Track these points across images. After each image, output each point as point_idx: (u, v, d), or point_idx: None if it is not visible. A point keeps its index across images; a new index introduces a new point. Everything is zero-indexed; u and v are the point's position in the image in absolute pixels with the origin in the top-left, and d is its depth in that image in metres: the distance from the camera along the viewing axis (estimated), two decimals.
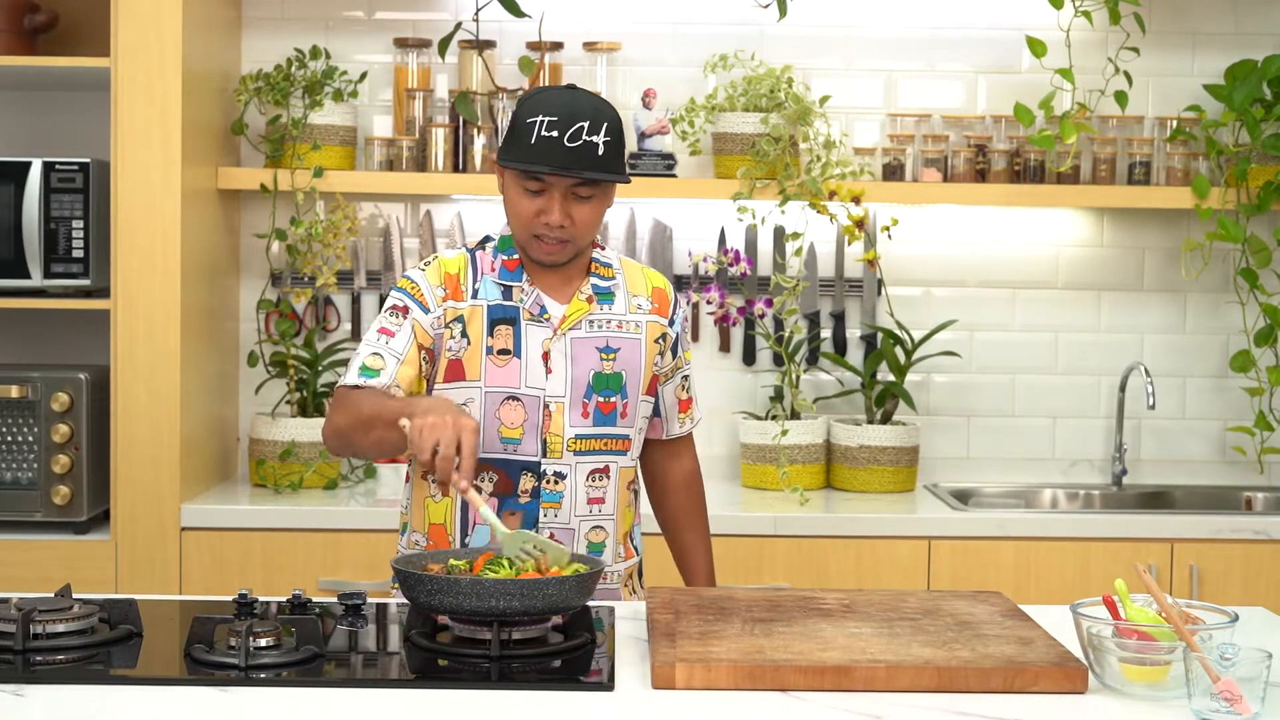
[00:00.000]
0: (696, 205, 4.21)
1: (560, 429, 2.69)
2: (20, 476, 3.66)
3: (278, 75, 4.02)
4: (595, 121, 2.59)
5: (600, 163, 2.59)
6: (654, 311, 2.79)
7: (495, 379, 2.68)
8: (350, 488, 4.01)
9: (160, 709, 2.02)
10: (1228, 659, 2.00)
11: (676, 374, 2.86)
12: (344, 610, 2.51)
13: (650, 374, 2.78)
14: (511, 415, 2.68)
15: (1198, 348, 4.31)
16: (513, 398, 2.67)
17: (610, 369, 2.72)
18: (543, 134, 2.58)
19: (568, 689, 2.13)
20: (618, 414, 2.73)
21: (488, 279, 2.71)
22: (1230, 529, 3.74)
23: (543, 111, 2.59)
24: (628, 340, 2.74)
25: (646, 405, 2.80)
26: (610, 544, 2.75)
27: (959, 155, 4.12)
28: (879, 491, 4.03)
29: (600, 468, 2.72)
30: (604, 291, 2.75)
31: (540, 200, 2.62)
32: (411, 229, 4.24)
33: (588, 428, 2.70)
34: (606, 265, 2.77)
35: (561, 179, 2.60)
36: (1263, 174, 4.03)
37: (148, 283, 3.66)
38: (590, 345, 2.71)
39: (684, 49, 4.23)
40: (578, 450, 2.70)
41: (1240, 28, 4.26)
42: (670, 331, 2.81)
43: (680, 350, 2.85)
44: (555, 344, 2.69)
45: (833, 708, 2.06)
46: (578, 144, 2.57)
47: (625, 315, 2.76)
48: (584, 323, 2.72)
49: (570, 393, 2.69)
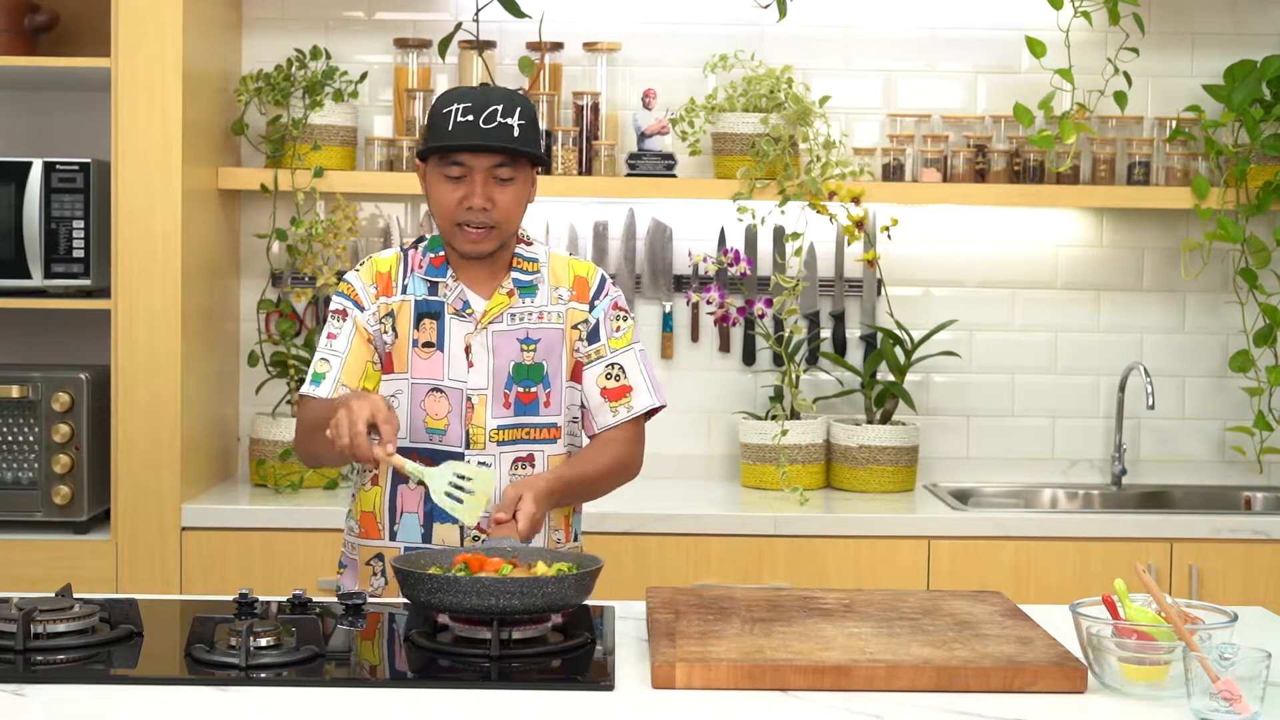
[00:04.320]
0: (696, 205, 4.21)
1: (482, 420, 2.75)
2: (21, 476, 3.66)
3: (278, 75, 4.02)
4: (509, 106, 2.69)
5: (516, 142, 2.67)
6: (573, 299, 2.83)
7: (420, 371, 2.76)
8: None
9: (160, 709, 2.03)
10: (1227, 659, 2.00)
11: (598, 361, 2.83)
12: (344, 610, 2.52)
13: (572, 361, 2.82)
14: (436, 407, 2.75)
15: (1197, 348, 4.32)
16: (437, 389, 2.75)
17: (531, 359, 2.78)
18: (458, 120, 2.67)
19: (568, 689, 2.13)
20: (540, 403, 2.78)
21: (416, 275, 2.79)
22: (1229, 529, 3.74)
23: (456, 100, 2.69)
24: (548, 330, 2.80)
25: (575, 393, 2.84)
26: (544, 530, 2.79)
27: (959, 155, 4.13)
28: (879, 491, 4.03)
29: (524, 456, 2.77)
30: (526, 285, 2.80)
31: (462, 187, 2.69)
32: (411, 229, 4.24)
33: (509, 418, 2.76)
34: (531, 260, 2.82)
35: (480, 159, 2.67)
36: (1262, 174, 4.03)
37: (148, 283, 3.66)
38: (511, 338, 2.77)
39: (684, 49, 4.23)
40: (500, 440, 2.76)
41: (1240, 28, 4.26)
42: (590, 317, 2.83)
43: (603, 337, 2.84)
44: (476, 337, 2.76)
45: (832, 707, 2.06)
46: (493, 125, 2.66)
47: (546, 306, 2.81)
48: (505, 316, 2.78)
49: (492, 384, 2.76)
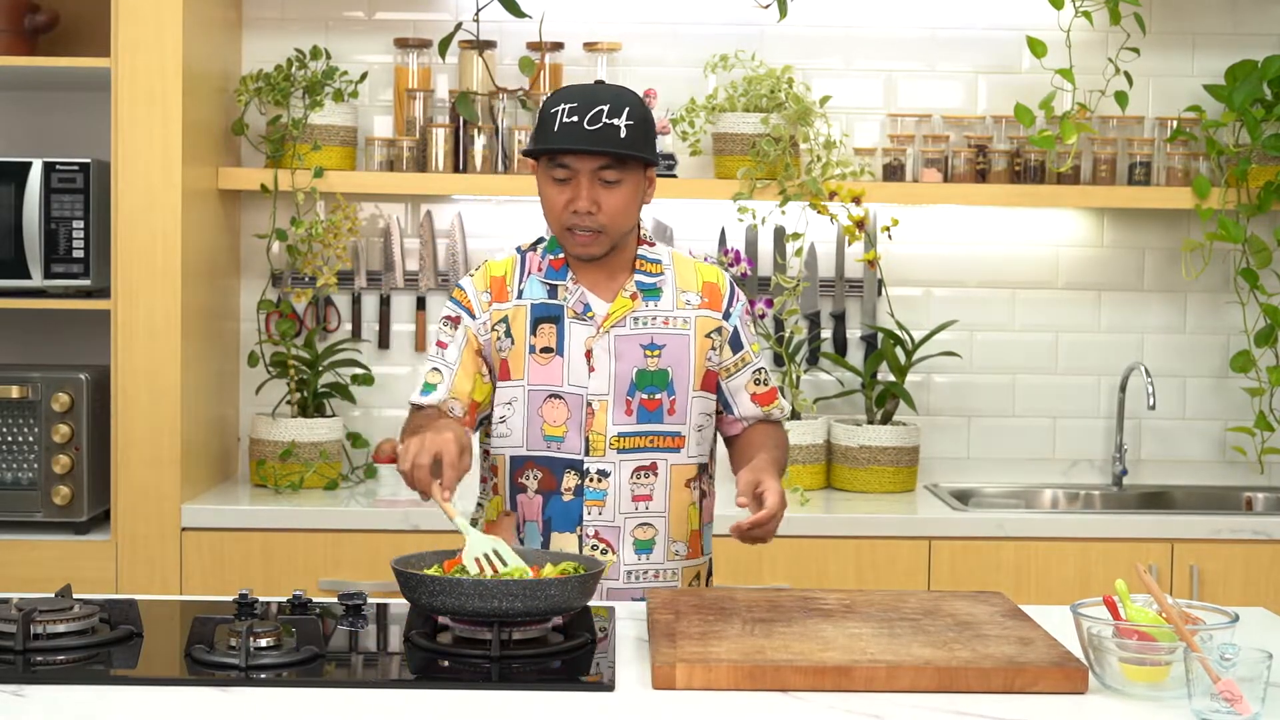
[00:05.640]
0: (697, 205, 4.21)
1: (603, 427, 2.69)
2: (20, 476, 3.66)
3: (278, 75, 4.02)
4: (616, 106, 2.61)
5: (623, 144, 2.60)
6: (704, 306, 2.76)
7: (538, 377, 2.69)
8: (350, 488, 4.01)
9: (160, 709, 2.02)
10: (1228, 659, 2.00)
11: (745, 368, 2.80)
12: (344, 610, 2.51)
13: (703, 370, 2.75)
14: (554, 413, 2.69)
15: (1198, 348, 4.31)
16: (555, 395, 2.69)
17: (655, 366, 2.71)
18: (564, 120, 2.60)
19: (568, 689, 2.13)
20: (664, 410, 2.72)
21: (534, 278, 2.73)
22: (1230, 529, 3.74)
23: (564, 100, 2.63)
24: (674, 336, 2.73)
25: (705, 401, 2.77)
26: (661, 541, 2.73)
27: (959, 155, 4.12)
28: (879, 492, 4.03)
29: (646, 465, 2.71)
30: (649, 288, 2.74)
31: (568, 189, 2.63)
32: (412, 229, 4.24)
33: (631, 425, 2.70)
34: (654, 261, 2.76)
35: (585, 161, 2.61)
36: (1263, 174, 4.03)
37: (148, 283, 3.66)
38: (634, 342, 2.71)
39: (684, 49, 4.23)
40: (621, 448, 2.70)
41: (1240, 28, 4.26)
42: (726, 325, 2.78)
43: (745, 344, 2.80)
44: (598, 341, 2.70)
45: (833, 708, 2.06)
46: (598, 126, 2.59)
47: (673, 311, 2.74)
48: (628, 320, 2.71)
49: (613, 390, 2.69)
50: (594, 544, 2.70)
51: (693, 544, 2.78)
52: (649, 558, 2.72)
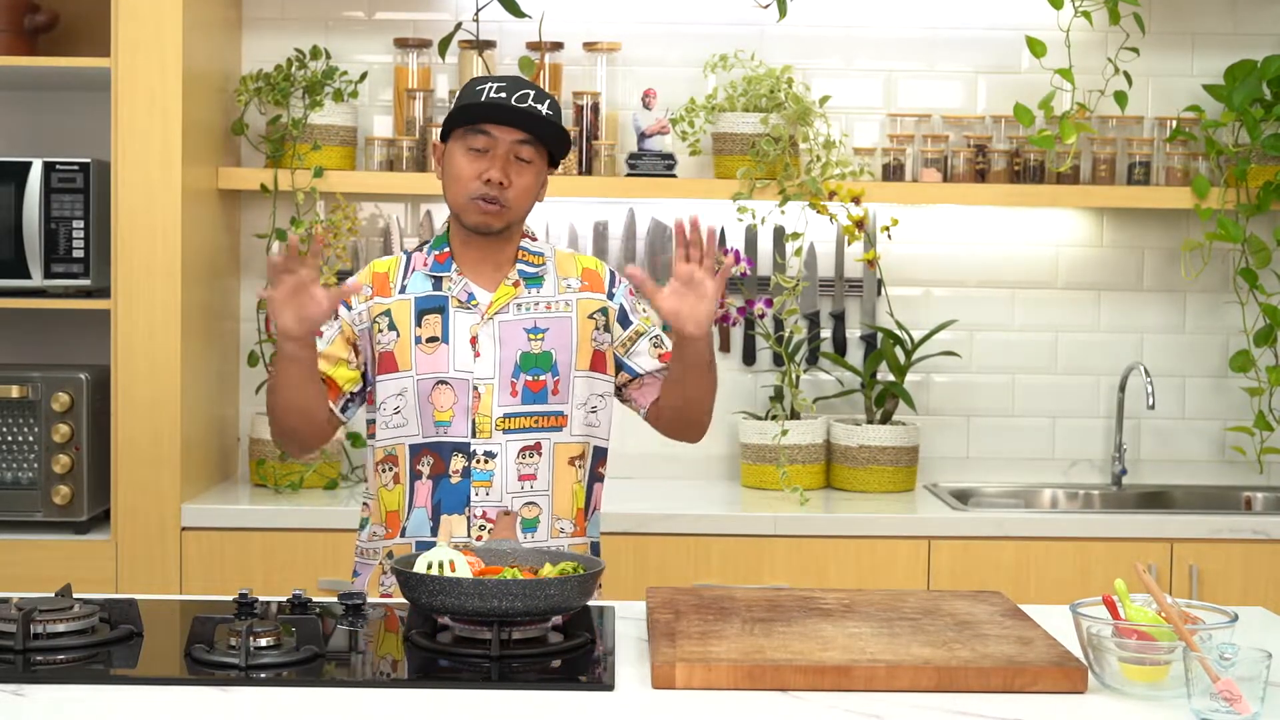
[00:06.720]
0: (696, 205, 4.21)
1: (489, 409, 2.75)
2: (20, 476, 3.66)
3: (278, 75, 4.02)
4: (540, 95, 2.75)
5: (544, 129, 2.72)
6: (585, 289, 2.84)
7: (425, 366, 2.76)
8: (350, 488, 4.01)
9: (160, 709, 2.03)
10: (1227, 659, 2.00)
11: (642, 338, 2.86)
12: (344, 610, 2.52)
13: (589, 350, 2.81)
14: (442, 399, 2.76)
15: (1197, 348, 4.31)
16: (442, 382, 2.75)
17: (539, 348, 2.78)
18: (492, 95, 2.72)
19: (568, 689, 2.13)
20: (548, 391, 2.78)
21: (418, 273, 2.81)
22: (1229, 529, 3.74)
23: (491, 80, 2.75)
24: (557, 320, 2.80)
25: (593, 382, 2.82)
26: (545, 519, 2.78)
27: (959, 155, 4.12)
28: (879, 491, 4.03)
29: (531, 444, 2.77)
30: (531, 276, 2.82)
31: (483, 160, 2.72)
32: (412, 229, 4.24)
33: (516, 406, 2.76)
34: (536, 254, 2.85)
35: (506, 133, 2.72)
36: (1262, 174, 4.03)
37: (148, 283, 3.66)
38: (517, 327, 2.78)
39: (684, 49, 4.23)
40: (507, 429, 2.75)
41: (1240, 28, 4.26)
42: (611, 305, 2.85)
43: (635, 319, 2.87)
44: (483, 328, 2.77)
45: (832, 707, 2.06)
46: (524, 105, 2.71)
47: (554, 296, 2.82)
48: (511, 306, 2.79)
49: (499, 374, 2.76)
50: (482, 524, 2.74)
51: (579, 522, 2.82)
52: (534, 536, 2.76)
